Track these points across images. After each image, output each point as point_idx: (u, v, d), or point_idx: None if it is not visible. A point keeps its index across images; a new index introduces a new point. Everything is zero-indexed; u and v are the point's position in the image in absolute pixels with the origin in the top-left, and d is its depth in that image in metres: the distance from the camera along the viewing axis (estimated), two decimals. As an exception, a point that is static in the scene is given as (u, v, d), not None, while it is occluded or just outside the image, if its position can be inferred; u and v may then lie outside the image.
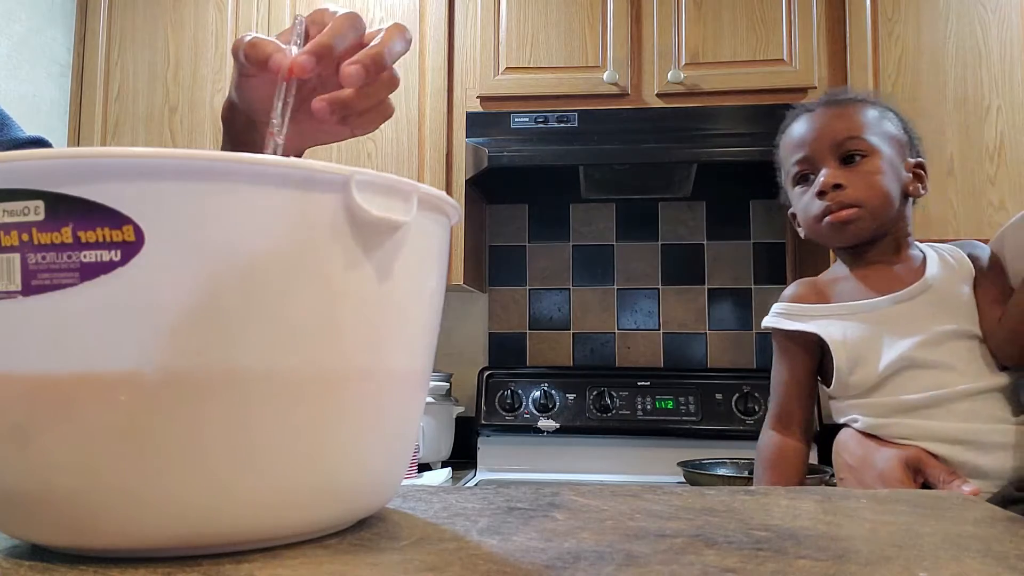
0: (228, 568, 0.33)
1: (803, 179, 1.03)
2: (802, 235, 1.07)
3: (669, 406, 1.88)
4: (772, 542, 0.37)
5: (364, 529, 0.40)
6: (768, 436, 1.06)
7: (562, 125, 1.72)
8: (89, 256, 0.31)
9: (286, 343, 0.34)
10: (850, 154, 0.99)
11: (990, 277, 0.97)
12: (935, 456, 0.90)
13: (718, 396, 1.88)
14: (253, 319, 0.33)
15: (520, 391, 1.93)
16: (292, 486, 0.35)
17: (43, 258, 0.31)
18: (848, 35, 1.72)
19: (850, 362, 0.96)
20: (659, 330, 2.05)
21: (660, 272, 2.07)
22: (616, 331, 2.06)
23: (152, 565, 0.33)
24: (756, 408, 1.84)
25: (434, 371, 1.97)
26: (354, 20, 0.58)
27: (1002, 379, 0.93)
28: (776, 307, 1.06)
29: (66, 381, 0.32)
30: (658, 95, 1.75)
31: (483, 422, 1.91)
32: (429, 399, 1.81)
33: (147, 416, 0.32)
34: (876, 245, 1.01)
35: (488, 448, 1.94)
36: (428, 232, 0.40)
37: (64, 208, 0.31)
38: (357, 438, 0.38)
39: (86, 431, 0.32)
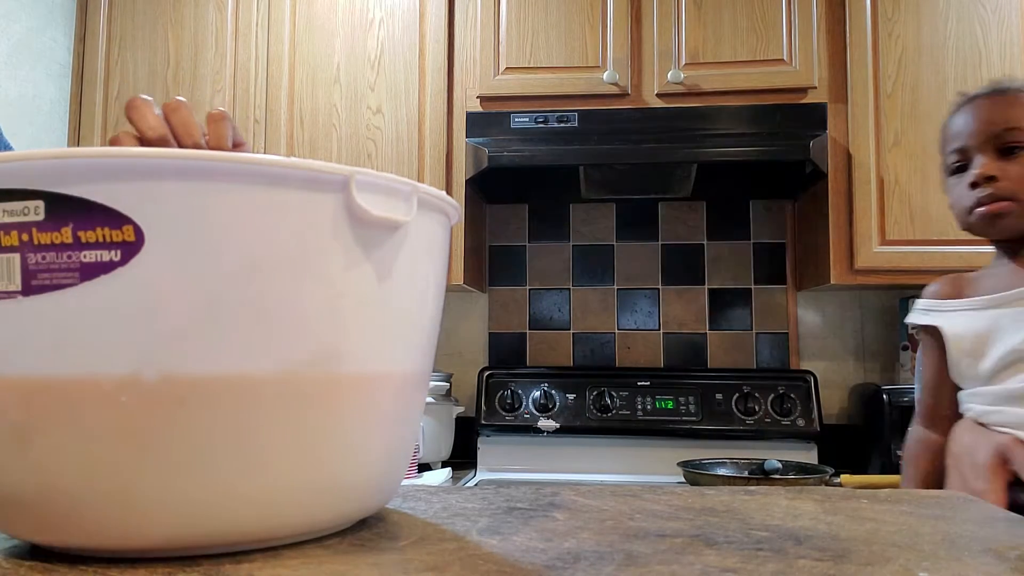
0: (228, 568, 0.33)
1: (959, 169, 1.01)
2: (958, 227, 1.05)
3: (669, 406, 1.88)
4: (772, 542, 0.37)
5: (364, 529, 0.40)
6: (912, 432, 1.07)
7: (562, 125, 1.72)
8: (89, 256, 0.31)
9: (286, 343, 0.34)
10: (1009, 146, 0.96)
11: None
12: None
13: (718, 396, 1.88)
14: (252, 319, 0.33)
15: (520, 391, 1.93)
16: (292, 486, 0.35)
17: (43, 258, 0.31)
18: (848, 35, 1.72)
19: (961, 353, 0.97)
20: (659, 330, 2.05)
21: (660, 272, 2.07)
22: (616, 331, 2.06)
23: (152, 565, 0.33)
24: (756, 408, 1.84)
25: (434, 371, 1.97)
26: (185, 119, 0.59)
27: None
28: (918, 303, 1.08)
29: (66, 382, 0.32)
30: (658, 95, 1.75)
31: (483, 422, 1.91)
32: (429, 399, 1.81)
33: (147, 416, 0.32)
34: None
35: (488, 448, 1.94)
36: (428, 232, 0.40)
37: (64, 208, 0.31)
38: (357, 438, 0.38)
39: (86, 432, 0.32)
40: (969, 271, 1.08)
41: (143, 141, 0.58)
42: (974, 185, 0.97)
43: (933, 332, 1.02)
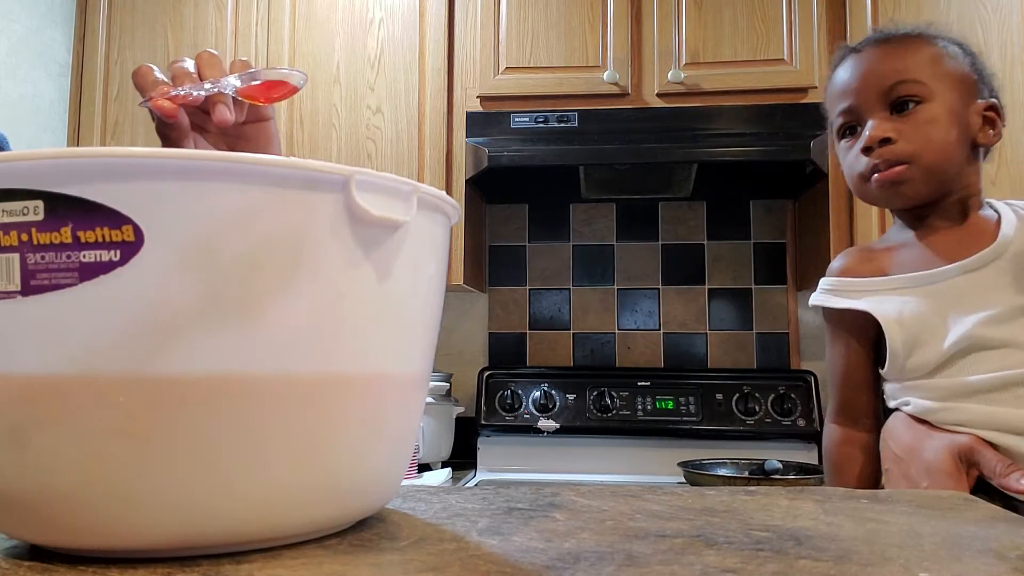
0: (228, 568, 0.33)
1: (850, 131, 0.89)
2: (856, 196, 0.93)
3: (669, 406, 1.88)
4: (772, 542, 0.37)
5: (364, 529, 0.40)
6: (831, 432, 0.94)
7: (562, 125, 1.72)
8: (88, 256, 0.31)
9: (285, 342, 0.34)
10: (902, 100, 0.85)
11: None
12: (994, 446, 0.77)
13: (718, 396, 1.87)
14: (252, 319, 0.33)
15: (520, 391, 1.93)
16: (292, 486, 0.35)
17: (42, 258, 0.31)
18: (848, 35, 1.72)
19: (907, 344, 0.83)
20: (659, 330, 2.05)
21: (660, 272, 2.07)
22: (616, 331, 2.06)
23: (151, 565, 0.33)
24: (756, 408, 1.84)
25: (434, 371, 1.97)
26: (211, 61, 0.67)
27: None
28: (823, 282, 0.92)
29: (65, 382, 0.32)
30: (658, 95, 1.75)
31: (483, 422, 1.91)
32: (429, 399, 1.81)
33: (146, 416, 0.32)
34: (938, 207, 0.87)
35: (488, 448, 1.94)
36: (428, 232, 0.40)
37: (63, 208, 0.31)
38: (357, 438, 0.38)
39: (85, 432, 0.32)
40: (871, 243, 0.96)
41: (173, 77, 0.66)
42: (868, 150, 0.85)
43: (853, 316, 0.87)
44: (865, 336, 0.88)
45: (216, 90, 0.64)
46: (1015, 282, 0.80)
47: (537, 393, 1.92)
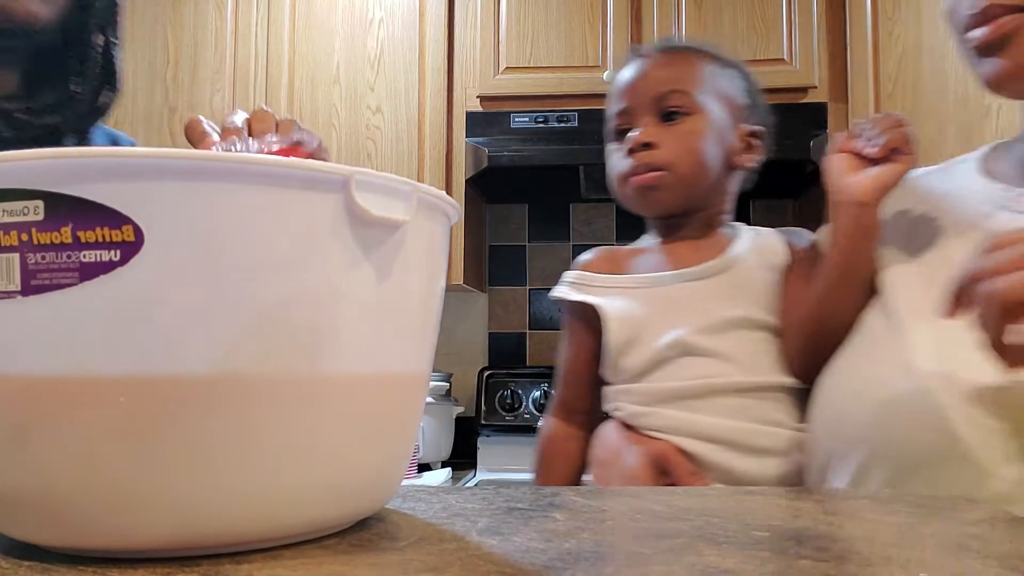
0: (228, 568, 0.33)
1: (621, 134, 0.89)
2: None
3: (669, 406, 1.87)
4: (772, 542, 0.37)
5: (364, 529, 0.40)
6: (546, 425, 0.92)
7: (562, 125, 1.72)
8: (89, 256, 0.31)
9: (285, 343, 0.34)
10: (671, 110, 0.85)
11: (805, 268, 0.83)
12: (688, 454, 0.77)
13: (718, 396, 1.87)
14: (252, 319, 0.33)
15: (520, 391, 1.93)
16: (292, 486, 0.35)
17: (42, 258, 0.31)
18: (848, 35, 1.72)
19: (621, 344, 0.83)
20: (659, 330, 2.05)
21: (660, 272, 2.06)
22: (616, 331, 2.06)
23: (151, 565, 0.33)
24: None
25: (434, 371, 1.98)
26: (262, 117, 0.68)
27: (788, 379, 0.80)
28: (565, 275, 0.92)
29: (65, 382, 0.32)
30: (658, 95, 1.75)
31: (483, 422, 1.91)
32: (429, 399, 1.81)
33: (146, 416, 0.32)
34: (687, 219, 0.88)
35: (488, 448, 1.94)
36: (428, 232, 0.40)
37: (64, 208, 0.31)
38: (357, 438, 0.38)
39: (85, 432, 0.32)
40: (621, 246, 0.97)
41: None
42: (631, 152, 0.85)
43: (585, 311, 0.87)
44: (595, 333, 0.87)
45: (256, 148, 0.66)
46: (732, 296, 0.82)
47: (537, 393, 1.92)
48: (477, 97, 1.79)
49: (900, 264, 0.74)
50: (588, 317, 0.87)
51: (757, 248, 0.87)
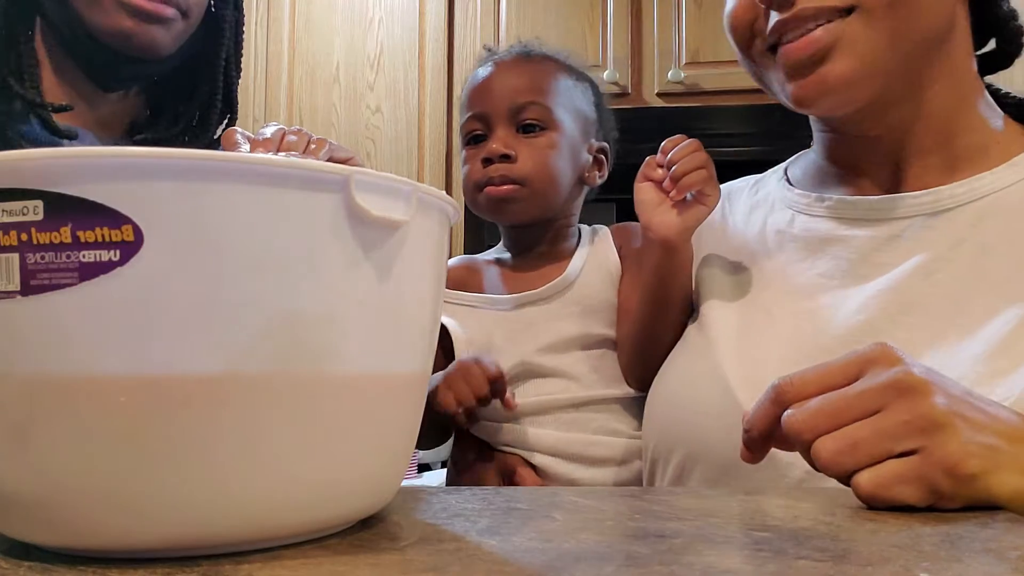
0: (228, 568, 0.33)
1: (475, 139, 0.89)
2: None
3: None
4: (772, 542, 0.37)
5: (364, 529, 0.40)
6: None
7: (562, 125, 1.72)
8: (88, 256, 0.31)
9: (285, 343, 0.34)
10: (528, 122, 0.86)
11: (635, 276, 0.84)
12: (533, 466, 0.82)
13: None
14: (252, 319, 0.33)
15: (520, 391, 1.93)
16: (292, 486, 0.35)
17: (42, 258, 0.31)
18: (848, 35, 1.72)
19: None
20: (659, 330, 2.05)
21: (660, 272, 2.07)
22: (616, 331, 2.06)
23: (151, 566, 0.33)
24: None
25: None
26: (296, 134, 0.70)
27: (624, 390, 0.84)
28: None
29: (65, 382, 0.32)
30: (658, 94, 1.75)
31: (483, 422, 1.91)
32: (429, 399, 1.80)
33: (146, 416, 0.32)
34: (538, 230, 0.90)
35: (488, 448, 1.94)
36: (428, 232, 0.40)
37: (63, 208, 0.31)
38: (357, 439, 0.38)
39: (85, 432, 0.32)
40: (482, 253, 0.98)
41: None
42: (487, 161, 0.85)
43: (442, 329, 0.87)
44: (448, 351, 0.88)
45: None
46: (572, 315, 0.86)
47: (537, 393, 1.91)
48: (477, 97, 1.80)
49: (714, 283, 0.79)
50: (446, 335, 0.87)
51: (595, 259, 0.89)
